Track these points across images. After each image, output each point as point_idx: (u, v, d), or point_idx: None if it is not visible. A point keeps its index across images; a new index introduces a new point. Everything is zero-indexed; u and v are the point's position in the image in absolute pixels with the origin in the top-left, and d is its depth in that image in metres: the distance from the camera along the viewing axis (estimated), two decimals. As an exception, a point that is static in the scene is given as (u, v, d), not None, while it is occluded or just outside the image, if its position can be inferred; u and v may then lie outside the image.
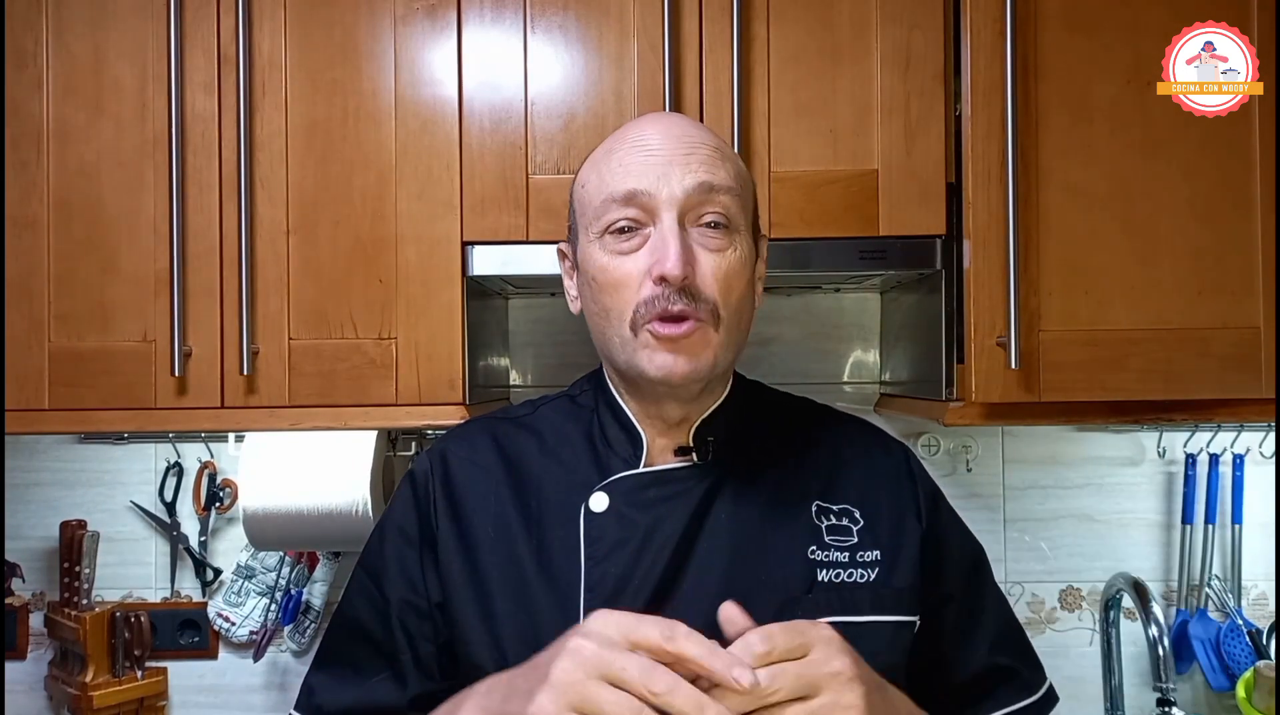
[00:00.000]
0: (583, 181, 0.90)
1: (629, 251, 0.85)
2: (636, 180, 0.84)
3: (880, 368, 1.60)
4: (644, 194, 0.83)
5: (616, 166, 0.86)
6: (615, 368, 0.91)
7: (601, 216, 0.85)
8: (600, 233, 0.86)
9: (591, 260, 0.87)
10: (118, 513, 1.62)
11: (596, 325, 0.89)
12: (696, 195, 0.84)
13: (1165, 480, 1.59)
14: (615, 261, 0.85)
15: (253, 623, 1.58)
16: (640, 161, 0.85)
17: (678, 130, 0.87)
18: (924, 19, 1.22)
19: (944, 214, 1.21)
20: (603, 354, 0.93)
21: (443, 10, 1.24)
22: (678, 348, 0.84)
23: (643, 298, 0.84)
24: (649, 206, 0.84)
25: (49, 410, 1.24)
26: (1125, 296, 1.17)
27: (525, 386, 1.61)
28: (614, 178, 0.85)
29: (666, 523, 0.88)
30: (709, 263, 0.84)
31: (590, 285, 0.87)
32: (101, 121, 1.24)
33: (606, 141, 0.91)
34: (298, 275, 1.24)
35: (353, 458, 1.40)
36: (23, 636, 1.62)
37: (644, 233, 0.84)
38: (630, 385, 0.92)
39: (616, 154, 0.87)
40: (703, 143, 0.87)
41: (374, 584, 0.93)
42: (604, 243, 0.86)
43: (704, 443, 0.92)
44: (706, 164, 0.85)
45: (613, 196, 0.84)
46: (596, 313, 0.88)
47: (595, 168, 0.89)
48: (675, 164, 0.84)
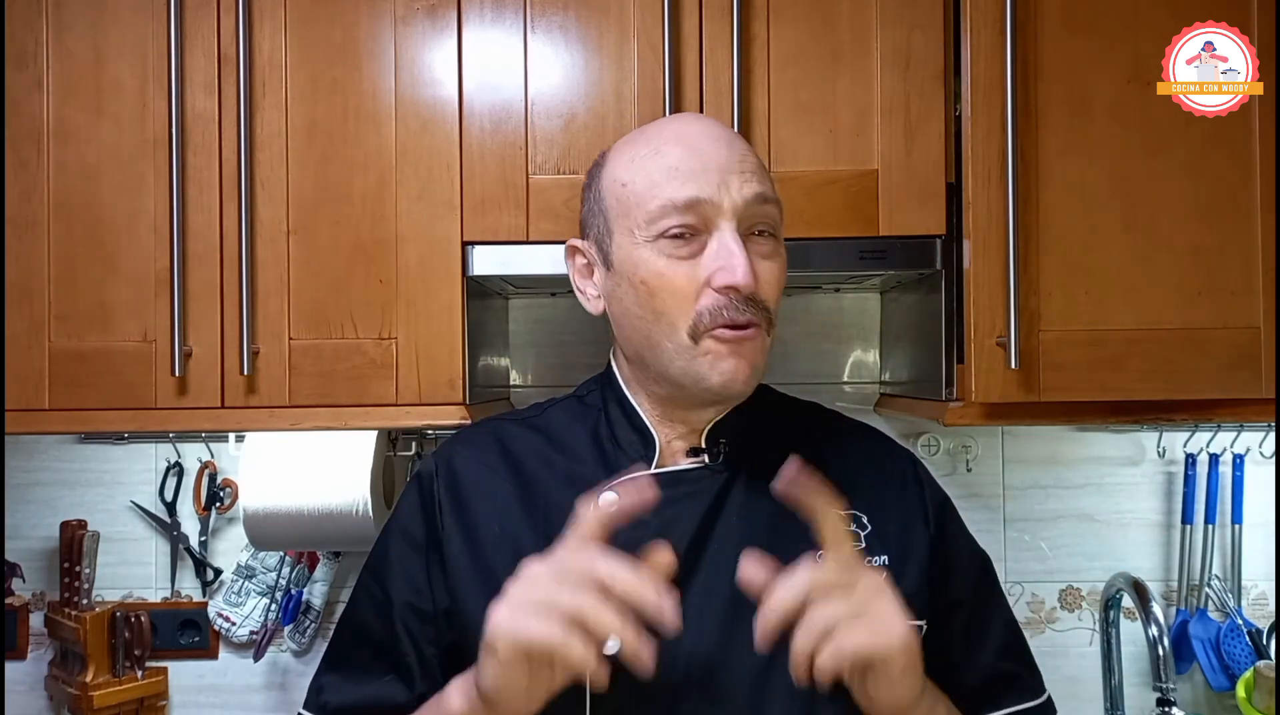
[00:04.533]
0: (621, 179, 0.88)
1: (687, 257, 0.84)
2: (697, 188, 0.83)
3: (880, 368, 1.60)
4: (706, 203, 0.83)
5: (670, 169, 0.85)
6: (661, 373, 0.89)
7: (657, 220, 0.84)
8: (655, 236, 0.85)
9: (643, 264, 0.86)
10: (118, 513, 1.62)
11: (639, 328, 0.88)
12: (754, 205, 0.85)
13: (1165, 480, 1.59)
14: (672, 266, 0.84)
15: (253, 623, 1.58)
16: (696, 167, 0.84)
17: (723, 135, 0.88)
18: (924, 19, 1.21)
19: (944, 214, 1.21)
20: (638, 356, 0.91)
21: (443, 10, 1.24)
22: (741, 352, 0.85)
23: (706, 306, 0.84)
24: (708, 215, 0.84)
25: (49, 410, 1.24)
26: (1125, 296, 1.17)
27: (525, 386, 1.61)
28: (670, 182, 0.84)
29: (678, 524, 0.88)
30: (765, 270, 0.85)
31: (639, 288, 0.86)
32: (101, 121, 1.24)
33: (640, 141, 0.90)
34: (298, 275, 1.24)
35: (353, 458, 1.40)
36: (23, 636, 1.62)
37: (700, 239, 0.84)
38: (665, 389, 0.90)
39: (665, 156, 0.86)
40: (747, 151, 0.88)
41: (379, 587, 0.94)
42: (658, 247, 0.85)
43: (716, 444, 0.92)
44: (756, 174, 0.86)
45: (673, 202, 0.84)
46: (643, 316, 0.87)
47: (639, 168, 0.87)
48: (731, 172, 0.84)
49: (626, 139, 0.93)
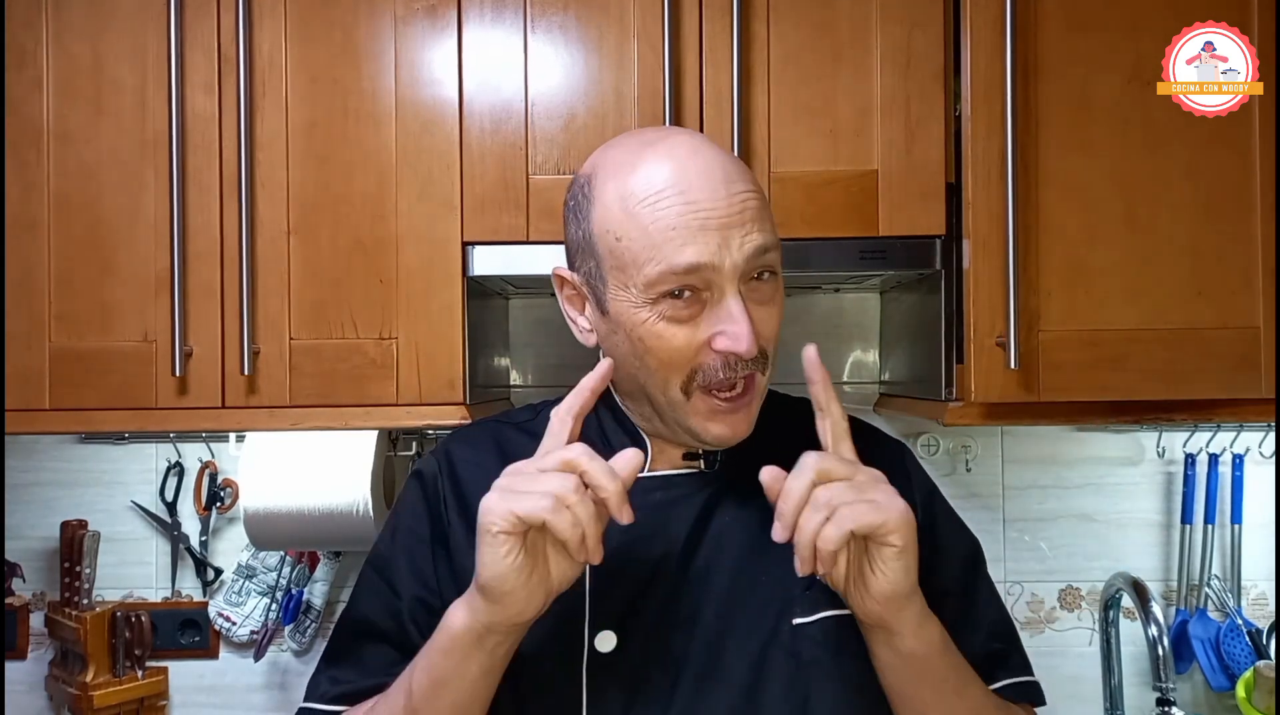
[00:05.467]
0: (615, 231, 0.83)
1: (687, 318, 0.82)
2: (696, 253, 0.80)
3: (880, 367, 1.60)
4: (708, 268, 0.80)
5: (668, 230, 0.80)
6: (653, 411, 0.89)
7: (656, 285, 0.81)
8: (654, 299, 0.82)
9: (640, 323, 0.83)
10: (118, 513, 1.62)
11: (634, 375, 0.87)
12: (754, 259, 0.82)
13: (1165, 480, 1.59)
14: (671, 329, 0.82)
15: (253, 622, 1.58)
16: (695, 227, 0.80)
17: (718, 173, 0.82)
18: (924, 19, 1.21)
19: (944, 214, 1.21)
20: (631, 393, 0.91)
21: (443, 10, 1.24)
22: (737, 410, 0.85)
23: (702, 365, 0.82)
24: (710, 278, 0.81)
25: (49, 410, 1.24)
26: (1125, 296, 1.17)
27: (525, 386, 1.61)
28: (669, 245, 0.80)
29: (672, 526, 0.88)
30: (763, 318, 0.84)
31: (635, 344, 0.84)
32: (101, 121, 1.24)
33: (630, 172, 0.83)
34: (298, 275, 1.24)
35: (353, 458, 1.41)
36: (23, 636, 1.62)
37: (701, 298, 0.82)
38: (657, 418, 0.90)
39: (662, 212, 0.81)
40: (746, 191, 0.83)
41: (385, 582, 0.93)
42: (659, 309, 0.82)
43: (711, 450, 0.92)
44: (757, 222, 0.82)
45: (672, 268, 0.80)
46: (639, 369, 0.85)
47: (634, 221, 0.82)
48: (733, 229, 0.81)
49: (614, 161, 0.86)
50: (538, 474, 0.75)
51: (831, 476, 0.75)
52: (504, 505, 0.74)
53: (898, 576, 0.75)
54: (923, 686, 0.83)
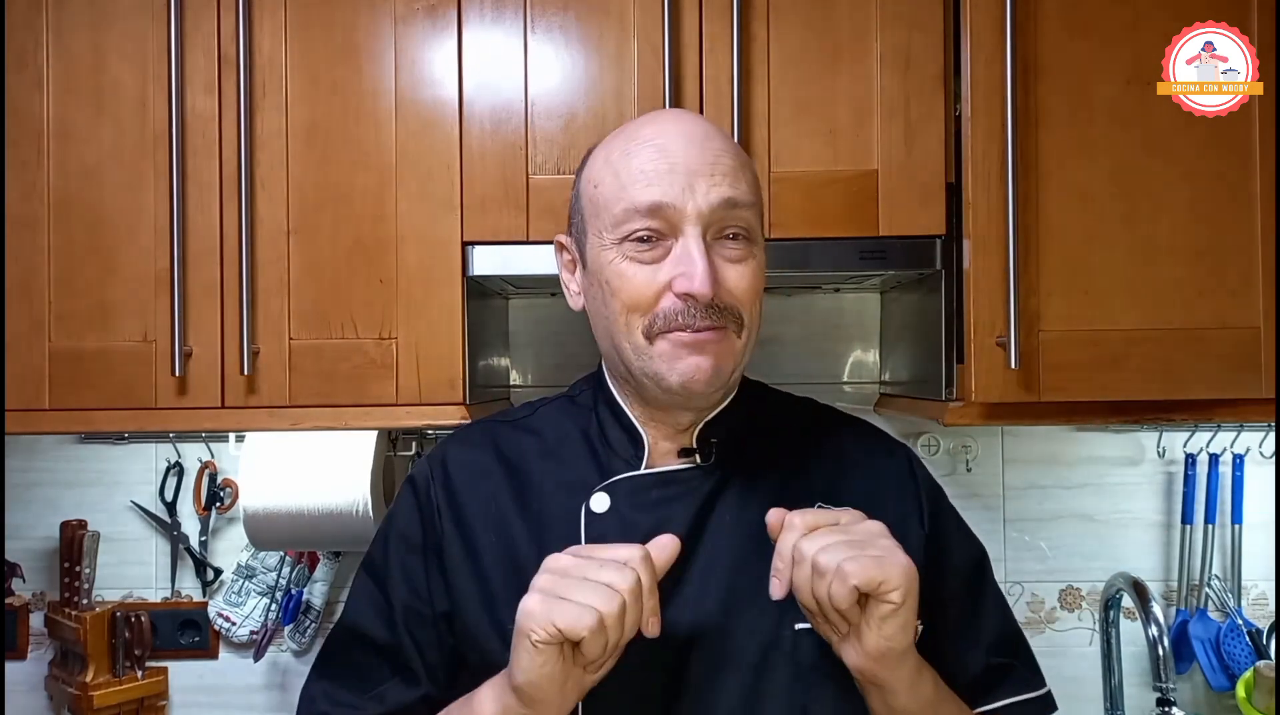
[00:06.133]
0: (595, 180, 0.88)
1: (649, 261, 0.84)
2: (661, 192, 0.82)
3: (880, 368, 1.60)
4: (669, 207, 0.82)
5: (637, 172, 0.84)
6: (626, 372, 0.90)
7: (621, 224, 0.84)
8: (619, 239, 0.84)
9: (608, 265, 0.85)
10: (118, 513, 1.62)
11: (604, 328, 0.89)
12: (720, 210, 0.83)
13: (1165, 480, 1.59)
14: (634, 269, 0.84)
15: (253, 622, 1.58)
16: (663, 170, 0.83)
17: (698, 134, 0.86)
18: (924, 19, 1.21)
19: (944, 214, 1.21)
20: (608, 355, 0.92)
21: (443, 10, 1.24)
22: (702, 351, 0.84)
23: (662, 309, 0.83)
24: (672, 219, 0.83)
25: (49, 410, 1.24)
26: (1125, 296, 1.17)
27: (525, 386, 1.61)
28: (635, 185, 0.83)
29: (669, 524, 0.87)
30: (733, 273, 0.84)
31: (604, 288, 0.86)
32: (101, 121, 1.24)
33: (618, 138, 0.89)
34: (298, 275, 1.24)
35: (353, 458, 1.40)
36: (23, 636, 1.62)
37: (665, 244, 0.83)
38: (638, 390, 0.91)
39: (635, 158, 0.85)
40: (723, 150, 0.85)
41: (379, 590, 0.93)
42: (622, 249, 0.84)
43: (707, 444, 0.92)
44: (729, 177, 0.84)
45: (635, 207, 0.83)
46: (607, 317, 0.87)
47: (610, 168, 0.86)
48: (700, 176, 0.83)
49: (610, 136, 0.91)
50: (582, 581, 0.74)
51: (818, 525, 0.77)
52: (546, 615, 0.73)
53: (893, 633, 0.75)
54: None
